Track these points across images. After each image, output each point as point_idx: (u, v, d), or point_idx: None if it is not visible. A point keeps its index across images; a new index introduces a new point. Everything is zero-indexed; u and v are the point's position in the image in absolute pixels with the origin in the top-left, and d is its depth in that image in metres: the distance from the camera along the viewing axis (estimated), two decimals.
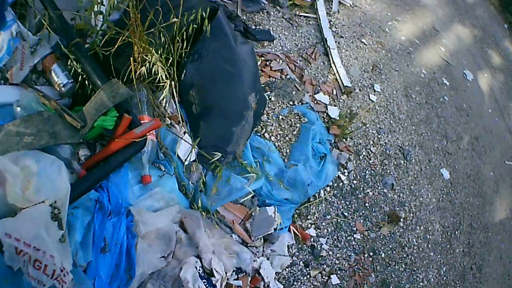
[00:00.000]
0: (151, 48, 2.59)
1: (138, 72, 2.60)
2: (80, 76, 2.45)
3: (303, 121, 3.78)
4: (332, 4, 5.28)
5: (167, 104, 2.91)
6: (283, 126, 3.67)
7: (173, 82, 2.84)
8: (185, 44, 2.82)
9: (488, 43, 8.12)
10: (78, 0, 2.45)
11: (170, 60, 2.81)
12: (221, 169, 2.91)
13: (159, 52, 2.68)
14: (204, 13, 2.78)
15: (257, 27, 4.42)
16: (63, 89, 2.45)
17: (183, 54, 2.91)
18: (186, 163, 2.87)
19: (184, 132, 2.92)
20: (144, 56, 2.57)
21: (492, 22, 9.12)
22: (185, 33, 2.75)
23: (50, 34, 2.45)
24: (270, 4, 4.77)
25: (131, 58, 2.52)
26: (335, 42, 4.78)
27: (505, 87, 7.41)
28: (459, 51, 6.81)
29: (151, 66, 2.58)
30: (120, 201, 2.32)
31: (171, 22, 2.56)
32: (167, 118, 2.91)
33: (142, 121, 2.47)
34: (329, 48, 4.58)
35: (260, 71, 3.92)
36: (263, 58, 4.08)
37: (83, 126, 2.21)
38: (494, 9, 9.86)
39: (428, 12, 7.05)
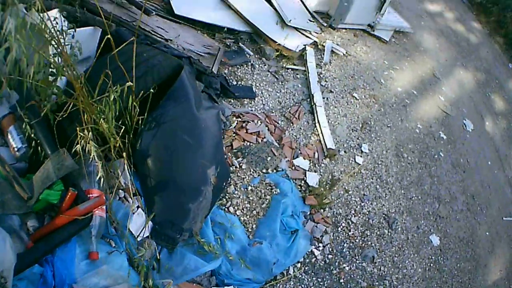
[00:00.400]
0: (101, 116, 2.23)
1: (73, 149, 2.17)
2: (34, 141, 2.22)
3: (274, 192, 3.28)
4: (324, 54, 4.71)
5: (120, 174, 2.50)
6: (251, 198, 3.18)
7: (131, 150, 2.57)
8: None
9: (492, 87, 7.53)
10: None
11: (130, 127, 2.50)
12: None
13: (110, 120, 2.28)
14: (166, 73, 2.59)
15: (239, 82, 3.91)
16: (17, 153, 2.23)
17: (140, 121, 2.54)
18: (139, 239, 2.52)
19: (138, 207, 2.56)
20: (82, 132, 2.15)
21: (497, 62, 8.55)
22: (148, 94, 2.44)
23: (10, 93, 2.27)
24: (256, 56, 4.27)
25: (77, 128, 2.16)
26: (323, 98, 4.26)
27: (507, 134, 6.80)
28: (460, 99, 6.23)
29: (85, 144, 2.15)
30: (64, 277, 2.11)
31: (125, 86, 2.19)
32: (121, 191, 2.54)
33: (90, 195, 2.24)
34: (315, 106, 4.05)
35: (234, 135, 3.46)
36: (239, 119, 3.58)
37: (30, 198, 2.01)
38: (499, 48, 9.31)
39: (429, 57, 6.48)
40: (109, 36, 2.18)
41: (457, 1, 9.98)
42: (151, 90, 2.42)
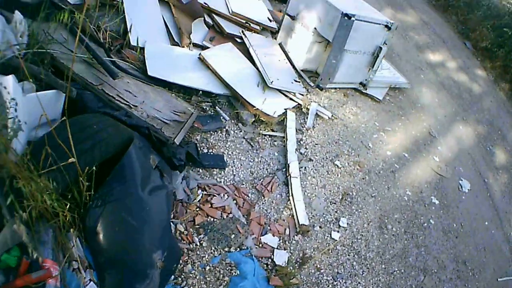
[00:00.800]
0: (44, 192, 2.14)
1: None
2: None
3: (234, 273, 2.93)
4: (307, 118, 4.32)
5: (72, 245, 2.38)
6: (208, 279, 2.83)
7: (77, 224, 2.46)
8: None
9: (493, 140, 7.01)
10: None
11: (80, 201, 2.40)
12: None
13: (53, 196, 2.19)
14: (114, 148, 2.50)
15: (210, 150, 3.57)
16: None
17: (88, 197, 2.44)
18: None
19: (90, 280, 2.40)
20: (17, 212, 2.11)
21: (500, 111, 8.04)
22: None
23: None
24: (233, 121, 3.90)
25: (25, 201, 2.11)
26: (302, 167, 3.87)
27: (507, 189, 6.27)
28: (457, 158, 5.76)
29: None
30: None
31: (67, 162, 2.14)
32: (74, 262, 2.40)
33: (44, 264, 2.16)
34: (290, 177, 3.65)
35: (197, 209, 3.12)
36: (204, 192, 3.23)
37: None
38: (504, 95, 8.80)
39: (426, 114, 6.04)
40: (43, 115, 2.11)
41: (461, 48, 9.55)
42: (94, 168, 2.25)
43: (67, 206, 2.22)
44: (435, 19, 10.24)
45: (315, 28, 4.81)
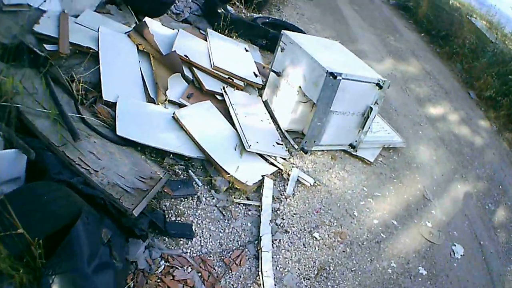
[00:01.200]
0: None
1: None
2: None
3: None
4: (287, 185, 4.10)
5: None
6: None
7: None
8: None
9: (493, 196, 6.74)
10: None
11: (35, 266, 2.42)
12: None
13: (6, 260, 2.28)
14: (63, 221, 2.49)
15: (178, 218, 3.37)
16: None
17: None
18: None
19: None
20: None
21: (503, 164, 7.76)
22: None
23: None
24: (206, 187, 3.70)
25: None
26: (276, 239, 3.67)
27: (504, 249, 5.95)
28: (452, 221, 5.49)
29: None
30: None
31: (16, 233, 2.23)
32: None
33: None
34: (261, 251, 3.42)
35: (158, 280, 2.96)
36: (167, 264, 3.06)
37: None
38: (507, 145, 8.54)
39: (422, 175, 5.80)
40: None
41: (464, 98, 9.37)
42: (41, 241, 2.32)
43: (21, 270, 2.28)
44: (439, 68, 10.09)
45: (299, 87, 4.62)
